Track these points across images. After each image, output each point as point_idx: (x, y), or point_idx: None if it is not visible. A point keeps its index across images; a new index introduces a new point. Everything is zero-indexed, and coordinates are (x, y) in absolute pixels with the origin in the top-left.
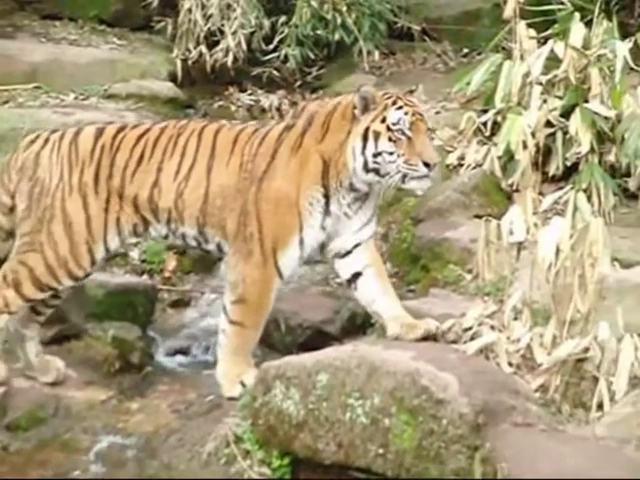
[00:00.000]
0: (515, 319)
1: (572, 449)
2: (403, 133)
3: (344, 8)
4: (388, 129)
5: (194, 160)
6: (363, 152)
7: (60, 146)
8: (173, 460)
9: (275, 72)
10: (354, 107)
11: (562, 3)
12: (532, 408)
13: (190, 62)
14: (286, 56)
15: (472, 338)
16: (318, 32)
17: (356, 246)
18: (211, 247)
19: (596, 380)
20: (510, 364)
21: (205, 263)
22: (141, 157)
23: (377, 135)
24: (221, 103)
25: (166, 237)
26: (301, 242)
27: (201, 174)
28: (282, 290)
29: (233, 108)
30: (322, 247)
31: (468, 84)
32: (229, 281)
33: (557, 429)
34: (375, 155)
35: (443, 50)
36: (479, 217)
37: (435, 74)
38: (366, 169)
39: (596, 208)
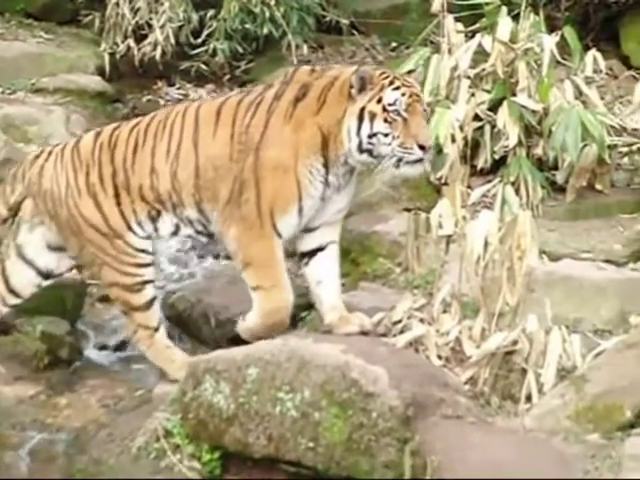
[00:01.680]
0: (444, 312)
1: (501, 441)
2: (399, 114)
3: (272, 2)
4: (384, 110)
5: (180, 139)
6: (358, 133)
7: (63, 154)
8: (102, 455)
9: (203, 66)
10: (351, 86)
11: None
12: (461, 400)
13: (118, 56)
14: (214, 50)
15: (402, 331)
16: (246, 26)
17: (327, 223)
18: (213, 227)
19: (525, 372)
20: (439, 357)
21: None
22: (135, 147)
23: (373, 116)
24: (150, 97)
25: (176, 230)
26: (300, 210)
27: (189, 150)
28: (212, 284)
29: (162, 102)
30: None
31: None
32: (229, 250)
33: (486, 421)
34: (370, 136)
35: (372, 44)
36: (408, 210)
37: None
38: (360, 149)
39: (524, 201)
